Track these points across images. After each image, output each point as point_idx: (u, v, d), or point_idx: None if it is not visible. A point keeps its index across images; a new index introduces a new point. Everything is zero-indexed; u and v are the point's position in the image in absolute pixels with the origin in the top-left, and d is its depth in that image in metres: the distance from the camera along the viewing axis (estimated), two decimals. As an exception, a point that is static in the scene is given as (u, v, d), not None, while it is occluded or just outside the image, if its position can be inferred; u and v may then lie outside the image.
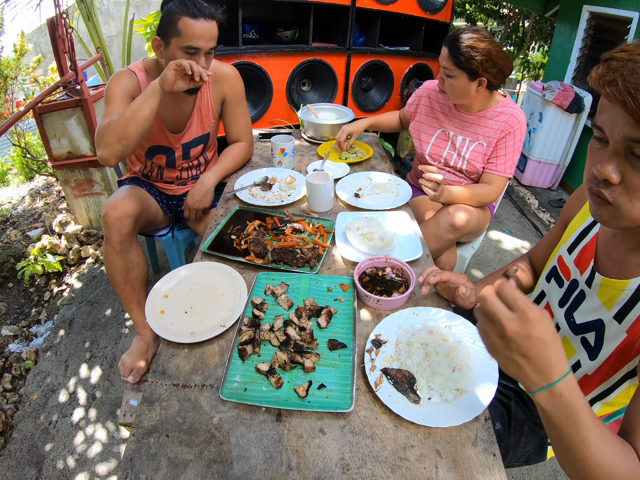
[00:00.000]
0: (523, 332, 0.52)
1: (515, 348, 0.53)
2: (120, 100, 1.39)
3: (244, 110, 1.69)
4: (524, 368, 0.54)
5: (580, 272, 0.84)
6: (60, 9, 2.23)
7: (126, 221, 1.38)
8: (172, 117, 1.54)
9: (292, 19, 2.90)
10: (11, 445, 1.54)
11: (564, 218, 0.97)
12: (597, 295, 0.78)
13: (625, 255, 0.74)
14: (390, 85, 3.17)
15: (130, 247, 1.43)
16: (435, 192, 1.32)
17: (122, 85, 1.40)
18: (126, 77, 1.42)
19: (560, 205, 3.32)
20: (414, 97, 1.76)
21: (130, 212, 1.40)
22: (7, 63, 3.31)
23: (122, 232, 1.38)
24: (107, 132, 1.30)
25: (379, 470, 0.67)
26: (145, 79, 1.45)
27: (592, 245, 0.82)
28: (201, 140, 1.66)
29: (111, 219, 1.36)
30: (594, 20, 3.25)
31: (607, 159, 0.58)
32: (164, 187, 1.75)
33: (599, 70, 0.56)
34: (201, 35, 1.30)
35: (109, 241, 1.38)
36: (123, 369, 1.38)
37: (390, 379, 0.80)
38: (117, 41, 7.30)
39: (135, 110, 1.28)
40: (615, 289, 0.73)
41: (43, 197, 3.47)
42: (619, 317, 0.72)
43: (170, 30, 1.29)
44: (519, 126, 1.49)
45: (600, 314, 0.77)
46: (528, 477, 1.47)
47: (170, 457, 0.69)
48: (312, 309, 0.96)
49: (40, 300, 2.35)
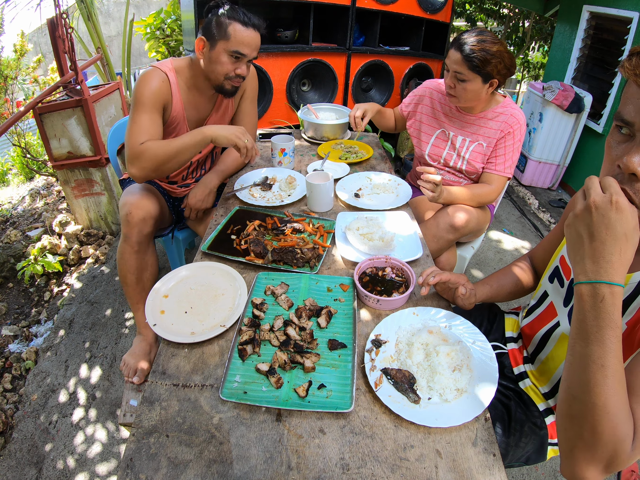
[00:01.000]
0: (603, 209, 0.52)
1: (587, 222, 0.53)
2: (152, 109, 1.34)
3: (254, 108, 1.70)
4: (584, 248, 0.54)
5: None
6: (60, 9, 2.23)
7: (149, 222, 1.38)
8: (196, 119, 1.54)
9: (292, 19, 2.90)
10: (11, 445, 1.54)
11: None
12: None
13: None
14: (391, 85, 3.17)
15: (147, 248, 1.43)
16: (433, 193, 1.32)
17: (153, 91, 1.34)
18: (158, 80, 1.35)
19: (560, 205, 3.32)
20: (412, 97, 1.75)
21: (153, 212, 1.39)
22: (7, 63, 3.31)
23: (143, 233, 1.37)
24: (144, 156, 1.29)
25: (379, 470, 0.67)
26: (176, 81, 1.41)
27: None
28: None
29: (135, 218, 1.34)
30: (594, 20, 3.25)
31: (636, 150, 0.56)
32: (167, 187, 1.75)
33: (633, 61, 0.56)
34: (249, 43, 1.34)
35: (128, 240, 1.36)
36: (127, 370, 1.38)
37: (390, 379, 0.80)
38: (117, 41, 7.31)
39: (179, 152, 1.30)
40: None
41: (43, 197, 3.47)
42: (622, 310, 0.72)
43: (218, 33, 1.31)
44: (519, 126, 1.49)
45: None
46: (528, 477, 1.47)
47: (170, 457, 0.69)
48: (312, 309, 0.96)
49: (40, 300, 2.35)
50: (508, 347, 1.08)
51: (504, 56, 1.35)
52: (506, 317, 1.17)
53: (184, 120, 1.48)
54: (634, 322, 0.69)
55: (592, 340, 0.54)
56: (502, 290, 1.07)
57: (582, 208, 0.55)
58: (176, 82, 1.41)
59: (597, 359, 0.53)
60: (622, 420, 0.54)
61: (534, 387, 0.98)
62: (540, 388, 0.97)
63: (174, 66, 1.42)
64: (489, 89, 1.43)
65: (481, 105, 1.52)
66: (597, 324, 0.53)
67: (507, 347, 1.08)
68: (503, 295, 1.07)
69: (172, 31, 3.93)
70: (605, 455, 0.54)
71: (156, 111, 1.36)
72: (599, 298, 0.53)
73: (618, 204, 0.52)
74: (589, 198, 0.54)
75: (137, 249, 1.38)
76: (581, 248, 0.54)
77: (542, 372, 0.97)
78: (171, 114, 1.43)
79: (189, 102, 1.46)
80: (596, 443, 0.54)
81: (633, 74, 0.56)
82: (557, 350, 0.90)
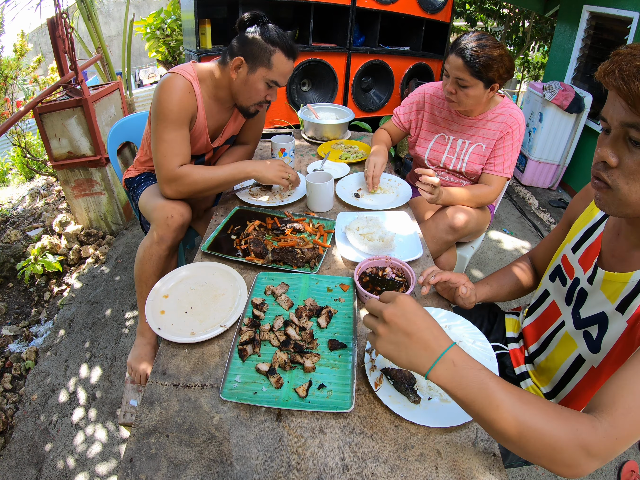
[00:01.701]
0: (399, 312, 0.61)
1: (396, 329, 0.61)
2: (181, 125, 1.30)
3: (264, 114, 1.67)
4: (412, 346, 0.60)
5: (584, 270, 0.85)
6: (60, 9, 2.23)
7: (185, 228, 1.37)
8: (215, 127, 1.51)
9: (292, 19, 2.90)
10: (11, 445, 1.54)
11: (568, 218, 0.98)
12: (601, 290, 0.79)
13: (628, 252, 0.76)
14: (390, 85, 3.17)
15: (175, 253, 1.42)
16: (432, 195, 1.32)
17: (181, 104, 1.27)
18: (184, 92, 1.28)
19: (560, 205, 3.32)
20: (409, 105, 1.68)
21: (190, 219, 1.38)
22: (7, 63, 3.31)
23: (178, 239, 1.36)
24: (182, 180, 1.29)
25: (379, 470, 0.67)
26: (200, 90, 1.35)
27: (598, 244, 0.84)
28: (229, 141, 1.65)
29: (176, 224, 1.32)
30: (594, 20, 3.25)
31: (607, 143, 0.63)
32: None
33: (604, 64, 0.61)
34: (288, 74, 1.33)
35: (162, 244, 1.33)
36: (137, 377, 1.34)
37: (390, 379, 0.80)
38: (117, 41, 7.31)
39: (219, 185, 1.34)
40: (619, 282, 0.75)
41: (43, 197, 3.48)
42: (622, 308, 0.73)
43: (261, 59, 1.27)
44: (518, 126, 1.48)
45: (603, 307, 0.78)
46: (528, 477, 1.47)
47: (170, 457, 0.69)
48: (312, 309, 0.96)
49: (40, 300, 2.35)
50: (509, 347, 1.08)
51: (505, 60, 1.34)
52: (507, 317, 1.17)
53: (205, 130, 1.45)
54: (633, 320, 0.70)
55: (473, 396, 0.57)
56: (502, 290, 1.07)
57: (381, 325, 0.63)
58: (200, 92, 1.35)
59: (488, 405, 0.57)
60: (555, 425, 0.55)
61: (535, 387, 0.98)
62: (542, 388, 0.97)
63: (197, 74, 1.35)
64: (489, 93, 1.42)
65: (480, 108, 1.52)
66: (466, 382, 0.58)
67: (508, 347, 1.08)
68: (503, 295, 1.07)
69: (172, 31, 3.93)
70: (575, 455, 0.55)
71: (185, 126, 1.32)
72: (450, 365, 0.59)
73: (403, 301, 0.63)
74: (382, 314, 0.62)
75: (167, 253, 1.36)
76: (408, 348, 0.60)
77: (543, 372, 0.97)
78: (195, 124, 1.39)
79: (209, 112, 1.42)
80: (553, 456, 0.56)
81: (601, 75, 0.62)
82: (559, 350, 0.90)
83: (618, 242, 0.79)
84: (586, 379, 0.84)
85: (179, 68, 1.30)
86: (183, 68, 1.31)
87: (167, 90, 1.25)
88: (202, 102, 1.37)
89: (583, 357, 0.83)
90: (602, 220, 0.86)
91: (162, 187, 1.33)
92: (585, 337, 0.82)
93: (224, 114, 1.50)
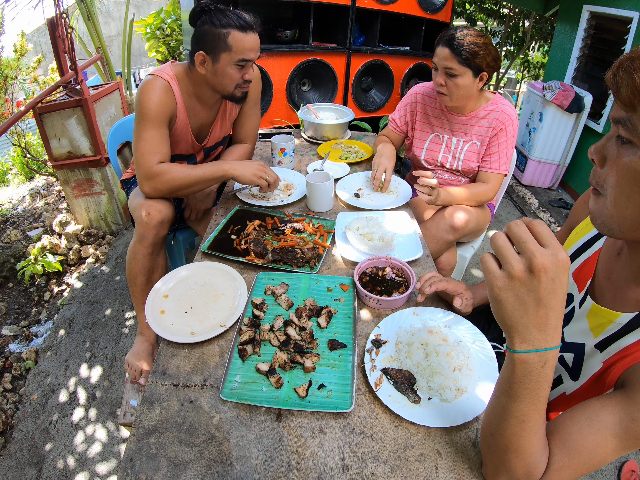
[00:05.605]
0: (552, 270, 0.46)
1: (535, 286, 0.46)
2: (160, 123, 1.32)
3: (257, 111, 1.67)
4: (531, 316, 0.48)
5: (579, 289, 0.79)
6: (60, 9, 2.23)
7: (166, 225, 1.38)
8: (198, 125, 1.52)
9: (292, 19, 2.90)
10: (11, 445, 1.54)
11: (571, 222, 0.95)
12: (586, 318, 0.75)
13: (626, 283, 0.68)
14: (391, 85, 3.17)
15: (160, 250, 1.42)
16: (430, 197, 1.33)
17: (159, 104, 1.30)
18: (162, 91, 1.31)
19: (560, 205, 3.32)
20: (403, 109, 1.68)
21: (169, 216, 1.38)
22: (7, 63, 3.31)
23: (159, 236, 1.37)
24: (160, 178, 1.29)
25: (379, 470, 0.67)
26: (178, 89, 1.37)
27: (594, 260, 0.78)
28: (221, 142, 1.66)
29: (154, 221, 1.33)
30: (594, 20, 3.24)
31: (600, 142, 0.59)
32: None
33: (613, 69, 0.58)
34: (252, 47, 1.31)
35: (144, 242, 1.35)
36: (132, 372, 1.36)
37: (390, 379, 0.80)
38: (117, 41, 7.31)
39: (196, 183, 1.33)
40: (605, 318, 0.69)
41: (43, 197, 3.48)
42: (601, 347, 0.70)
43: (218, 45, 1.27)
44: (510, 122, 1.49)
45: (584, 338, 0.74)
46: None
47: (170, 457, 0.69)
48: (312, 309, 0.96)
49: (40, 300, 2.35)
50: (505, 347, 1.08)
51: (490, 48, 1.38)
52: None
53: (187, 128, 1.46)
54: (609, 364, 0.67)
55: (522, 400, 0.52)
56: None
57: (523, 270, 0.47)
58: (178, 90, 1.38)
59: (520, 415, 0.53)
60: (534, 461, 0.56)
61: None
62: None
63: (175, 73, 1.38)
64: (479, 84, 1.44)
65: (471, 104, 1.52)
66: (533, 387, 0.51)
67: (504, 346, 1.08)
68: None
69: (172, 31, 3.93)
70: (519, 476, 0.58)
71: (164, 125, 1.34)
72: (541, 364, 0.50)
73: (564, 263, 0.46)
74: (533, 257, 0.46)
75: (151, 251, 1.37)
76: (525, 316, 0.48)
77: None
78: (176, 124, 1.41)
79: (191, 110, 1.44)
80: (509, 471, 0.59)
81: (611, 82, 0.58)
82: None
83: (617, 263, 0.72)
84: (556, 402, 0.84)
85: (158, 69, 1.35)
86: (161, 69, 1.36)
87: (145, 92, 1.29)
88: (182, 100, 1.39)
89: (562, 379, 0.81)
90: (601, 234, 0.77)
91: (140, 185, 1.33)
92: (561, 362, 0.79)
93: (208, 112, 1.51)
